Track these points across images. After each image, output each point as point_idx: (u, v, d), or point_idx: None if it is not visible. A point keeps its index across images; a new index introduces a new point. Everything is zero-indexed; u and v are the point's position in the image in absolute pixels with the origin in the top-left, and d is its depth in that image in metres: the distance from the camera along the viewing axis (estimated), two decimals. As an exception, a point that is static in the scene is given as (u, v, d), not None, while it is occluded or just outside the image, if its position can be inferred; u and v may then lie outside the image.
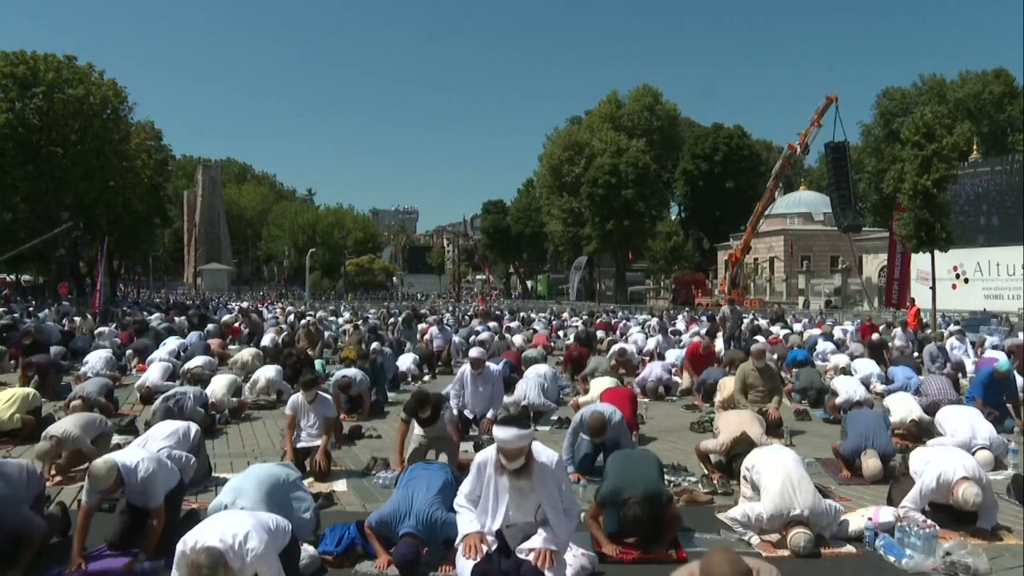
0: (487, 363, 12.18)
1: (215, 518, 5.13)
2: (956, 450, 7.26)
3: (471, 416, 11.57)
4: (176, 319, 33.46)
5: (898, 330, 25.86)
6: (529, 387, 13.25)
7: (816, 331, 30.14)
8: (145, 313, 37.75)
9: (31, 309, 43.21)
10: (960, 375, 17.56)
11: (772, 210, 64.77)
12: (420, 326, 30.91)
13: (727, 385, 13.44)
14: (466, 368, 11.96)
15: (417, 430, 9.12)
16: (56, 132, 50.00)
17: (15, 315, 34.71)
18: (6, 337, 22.54)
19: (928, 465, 6.94)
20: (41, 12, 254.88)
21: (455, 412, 10.77)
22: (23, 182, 49.17)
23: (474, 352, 12.17)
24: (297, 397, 9.55)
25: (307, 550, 6.19)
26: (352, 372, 13.75)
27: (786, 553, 6.41)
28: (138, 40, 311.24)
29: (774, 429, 10.71)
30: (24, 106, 49.55)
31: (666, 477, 7.89)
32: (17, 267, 77.38)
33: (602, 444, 8.84)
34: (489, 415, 11.20)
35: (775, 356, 19.33)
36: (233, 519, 5.03)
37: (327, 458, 9.09)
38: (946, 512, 6.87)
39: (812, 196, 76.07)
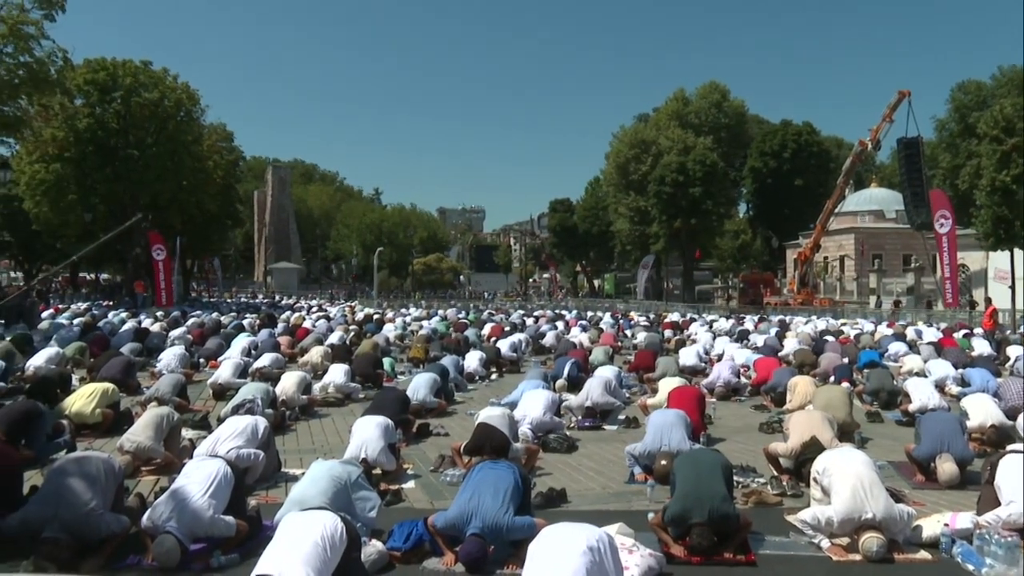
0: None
1: (282, 549, 5.12)
2: None
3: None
4: (247, 318, 34.08)
5: (976, 340, 24.96)
6: (593, 387, 13.20)
7: (888, 331, 29.59)
8: (216, 313, 38.47)
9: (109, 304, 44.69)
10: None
11: (842, 208, 63.58)
12: (487, 326, 31.12)
13: (798, 385, 13.27)
14: None
15: None
16: (133, 135, 51.17)
17: (95, 313, 35.71)
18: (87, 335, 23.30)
19: (1016, 500, 6.56)
20: (119, 19, 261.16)
21: (529, 432, 10.77)
22: (102, 184, 50.58)
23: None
24: None
25: (375, 546, 6.27)
26: (425, 379, 13.90)
27: (857, 557, 6.29)
28: (211, 45, 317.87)
29: (846, 434, 10.44)
30: (104, 111, 50.90)
31: (735, 478, 7.75)
32: (97, 267, 79.60)
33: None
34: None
35: (845, 359, 18.94)
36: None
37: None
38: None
39: (884, 193, 74.48)
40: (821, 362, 18.52)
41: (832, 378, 16.29)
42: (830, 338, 25.19)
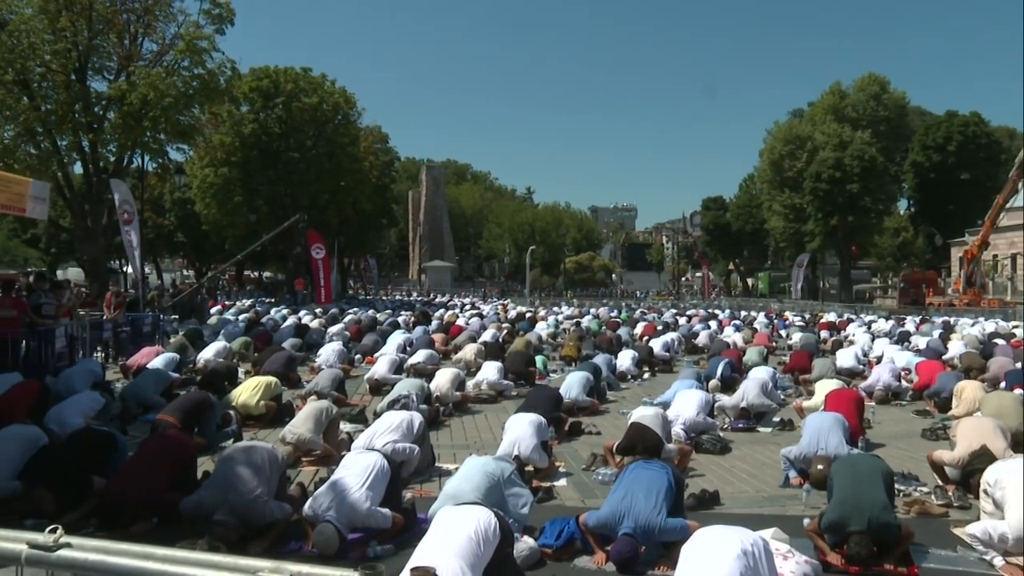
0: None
1: (437, 543, 5.22)
2: None
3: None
4: (402, 315, 34.94)
5: None
6: (749, 388, 12.97)
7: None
8: (372, 310, 39.57)
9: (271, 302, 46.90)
10: None
11: (1015, 203, 60.11)
12: (640, 325, 30.97)
13: (965, 390, 12.67)
14: None
15: None
16: (293, 139, 53.54)
17: (258, 310, 37.38)
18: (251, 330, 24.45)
19: None
20: (281, 28, 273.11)
21: (682, 432, 10.67)
22: (265, 186, 53.41)
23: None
24: None
25: (527, 542, 6.36)
26: (578, 377, 13.96)
27: (1037, 579, 5.92)
28: (369, 50, 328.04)
29: (1020, 445, 9.84)
30: (267, 116, 53.56)
31: (896, 486, 7.47)
32: (260, 265, 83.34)
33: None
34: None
35: (1018, 364, 17.90)
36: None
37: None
38: None
39: (1063, 186, 70.27)
40: (990, 366, 17.53)
41: (1003, 384, 15.42)
42: (1000, 341, 23.88)
